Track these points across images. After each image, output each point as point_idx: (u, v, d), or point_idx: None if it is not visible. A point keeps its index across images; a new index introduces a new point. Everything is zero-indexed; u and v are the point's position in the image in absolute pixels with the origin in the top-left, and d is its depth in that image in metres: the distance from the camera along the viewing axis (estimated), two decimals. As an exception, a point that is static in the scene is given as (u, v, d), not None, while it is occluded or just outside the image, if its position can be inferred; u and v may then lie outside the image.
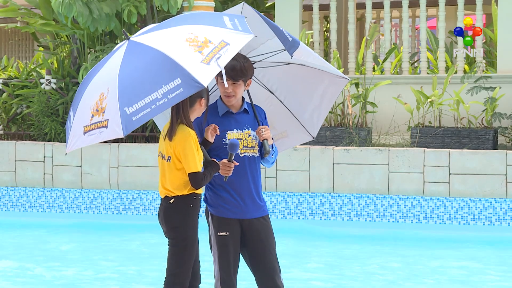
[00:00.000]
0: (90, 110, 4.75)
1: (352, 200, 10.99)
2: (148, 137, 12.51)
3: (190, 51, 4.64)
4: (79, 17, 11.89)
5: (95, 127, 4.66)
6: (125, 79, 4.68)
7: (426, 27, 12.92)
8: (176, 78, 4.53)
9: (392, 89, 12.14)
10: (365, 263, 8.97)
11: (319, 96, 5.70)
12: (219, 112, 5.39)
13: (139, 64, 4.74)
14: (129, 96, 4.58)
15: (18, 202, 12.17)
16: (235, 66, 5.23)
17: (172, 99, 4.51)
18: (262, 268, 5.43)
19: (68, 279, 8.28)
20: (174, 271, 5.33)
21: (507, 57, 11.98)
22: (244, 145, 5.37)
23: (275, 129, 5.77)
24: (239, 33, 4.80)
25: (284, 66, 5.62)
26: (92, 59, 12.30)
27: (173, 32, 4.87)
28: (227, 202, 5.36)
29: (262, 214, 5.44)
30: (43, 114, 12.46)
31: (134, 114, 4.54)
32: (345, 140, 11.52)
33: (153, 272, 8.50)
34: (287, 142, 5.89)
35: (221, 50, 4.64)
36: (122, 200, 11.80)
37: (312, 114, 5.77)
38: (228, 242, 5.35)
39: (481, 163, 10.62)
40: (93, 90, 4.86)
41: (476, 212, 10.64)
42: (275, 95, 5.71)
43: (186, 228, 5.27)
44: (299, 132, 5.83)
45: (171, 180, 5.25)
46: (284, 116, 5.76)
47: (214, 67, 4.57)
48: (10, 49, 20.55)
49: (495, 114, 11.26)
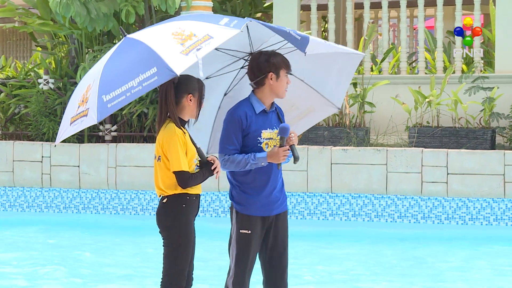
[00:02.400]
0: (77, 102, 4.91)
1: (350, 200, 10.98)
2: (146, 137, 12.51)
3: (173, 43, 4.74)
4: (77, 17, 11.88)
5: (79, 117, 4.80)
6: (108, 71, 4.83)
7: (424, 27, 12.92)
8: (152, 67, 4.62)
9: (390, 89, 12.15)
10: (363, 263, 8.97)
11: (337, 70, 5.71)
12: (256, 110, 5.36)
13: (124, 57, 4.90)
14: (108, 85, 4.71)
15: (16, 202, 12.17)
16: (286, 59, 5.33)
17: (147, 86, 4.59)
18: (277, 267, 5.49)
19: (65, 278, 8.28)
20: (169, 271, 5.31)
21: (505, 57, 11.99)
22: (274, 144, 5.38)
23: (299, 108, 5.81)
24: (227, 28, 4.86)
25: (298, 51, 5.65)
26: (90, 59, 12.29)
27: (164, 27, 5.02)
28: (255, 200, 5.36)
29: (285, 209, 5.51)
30: (41, 114, 12.45)
31: (109, 102, 4.64)
32: (343, 140, 11.52)
33: (151, 272, 8.50)
34: (314, 118, 5.95)
35: (203, 42, 4.71)
36: (120, 200, 11.79)
37: (333, 87, 5.78)
38: (249, 241, 5.36)
39: (479, 163, 10.62)
40: (82, 84, 5.02)
41: (474, 212, 10.64)
42: (295, 75, 5.69)
43: (179, 228, 5.25)
44: (324, 106, 5.86)
45: (162, 179, 5.26)
46: (306, 94, 5.78)
47: (191, 57, 4.63)
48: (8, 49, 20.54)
49: (493, 114, 11.27)
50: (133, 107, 12.17)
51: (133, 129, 12.57)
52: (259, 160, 5.28)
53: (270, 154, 5.28)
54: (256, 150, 5.33)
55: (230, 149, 5.30)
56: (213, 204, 11.39)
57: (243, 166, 5.29)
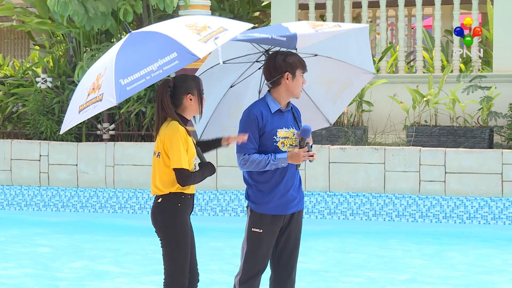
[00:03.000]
0: (86, 90, 4.86)
1: (348, 199, 10.99)
2: (144, 136, 12.50)
3: (189, 33, 4.77)
4: (74, 15, 11.88)
5: (90, 103, 4.75)
6: (123, 58, 4.81)
7: (422, 26, 12.92)
8: (172, 52, 4.64)
9: (388, 88, 12.15)
10: (360, 262, 8.98)
11: (354, 42, 5.71)
12: (271, 109, 5.37)
13: (138, 45, 4.89)
14: (125, 69, 4.69)
15: (14, 200, 12.16)
16: (302, 59, 5.36)
17: (167, 70, 4.59)
18: (286, 264, 5.51)
19: (63, 277, 8.28)
20: (170, 271, 5.31)
21: (503, 56, 11.99)
22: (290, 143, 5.39)
23: (338, 82, 5.85)
24: (238, 22, 4.95)
25: (310, 58, 5.71)
26: (88, 58, 12.29)
27: (175, 21, 5.04)
28: (270, 199, 5.37)
29: (301, 208, 5.54)
30: (39, 113, 12.44)
31: (128, 85, 4.62)
32: (341, 139, 11.52)
33: (149, 270, 8.49)
34: (354, 88, 5.96)
35: (220, 33, 4.75)
36: (117, 199, 11.79)
37: (359, 56, 5.79)
38: (260, 239, 5.37)
39: (477, 162, 10.63)
40: (90, 75, 4.98)
41: (472, 211, 10.65)
42: (320, 55, 5.72)
43: (175, 228, 5.25)
44: (359, 74, 5.88)
45: (160, 177, 5.25)
46: (338, 68, 5.80)
47: (210, 44, 4.67)
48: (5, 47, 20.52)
49: (490, 113, 11.28)
50: (131, 106, 12.17)
51: (131, 128, 12.57)
52: (280, 161, 5.29)
53: (290, 155, 5.29)
54: (272, 149, 5.33)
55: (249, 148, 5.30)
56: (211, 203, 11.40)
57: (263, 167, 5.30)
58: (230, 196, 11.41)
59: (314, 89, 5.85)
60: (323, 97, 5.86)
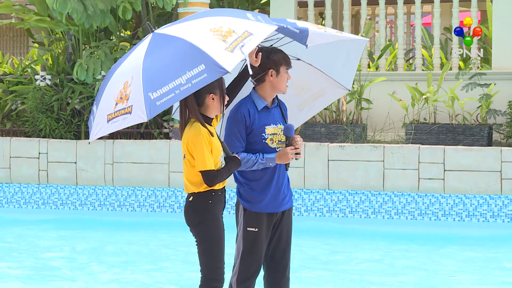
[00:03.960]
0: (114, 98, 4.77)
1: (347, 197, 10.99)
2: (143, 134, 12.50)
3: (214, 40, 4.69)
4: (73, 13, 11.87)
5: (119, 114, 4.66)
6: (150, 66, 4.72)
7: (421, 24, 12.92)
8: (200, 64, 4.57)
9: (387, 85, 12.15)
10: (359, 260, 8.98)
11: (344, 53, 5.71)
12: (258, 107, 5.37)
13: (163, 53, 4.79)
14: (153, 82, 4.61)
15: (13, 198, 12.16)
16: (286, 56, 5.33)
17: (196, 84, 4.53)
18: (279, 262, 5.51)
19: (61, 275, 8.28)
20: (208, 267, 5.25)
21: (502, 54, 11.99)
22: (279, 139, 5.40)
23: (311, 90, 5.84)
24: (262, 24, 4.87)
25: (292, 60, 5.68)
26: (87, 56, 12.29)
27: (198, 23, 4.94)
28: (263, 197, 5.37)
29: (291, 205, 5.53)
30: (38, 111, 12.44)
31: (158, 99, 4.54)
32: (340, 136, 11.53)
33: (148, 268, 8.50)
34: (325, 100, 5.96)
35: (245, 39, 4.69)
36: (117, 197, 11.79)
37: (341, 69, 5.79)
38: (256, 239, 5.37)
39: (476, 160, 10.63)
40: (116, 80, 4.89)
41: (471, 209, 10.65)
42: (302, 60, 5.72)
43: (208, 225, 5.23)
44: (334, 88, 5.87)
45: (188, 178, 5.26)
46: (316, 77, 5.79)
47: (238, 54, 4.61)
48: (4, 45, 20.53)
49: (489, 111, 11.28)
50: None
51: (131, 126, 12.56)
52: (268, 161, 5.30)
53: (278, 155, 5.31)
54: (261, 147, 5.34)
55: (237, 146, 5.31)
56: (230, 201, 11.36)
57: (250, 166, 5.31)
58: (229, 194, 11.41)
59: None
60: (291, 102, 5.82)
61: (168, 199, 11.61)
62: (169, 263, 8.79)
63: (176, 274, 8.27)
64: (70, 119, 12.54)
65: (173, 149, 11.60)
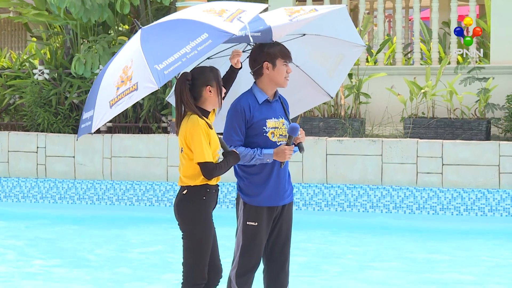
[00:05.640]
0: (114, 85, 4.72)
1: (345, 191, 11.00)
2: (141, 128, 12.50)
3: (210, 16, 4.74)
4: (71, 7, 11.86)
5: (123, 96, 4.63)
6: (150, 46, 4.70)
7: (419, 18, 12.91)
8: (202, 33, 4.58)
9: (385, 80, 12.15)
10: (358, 254, 8.99)
11: (340, 22, 5.73)
12: (259, 100, 5.39)
13: (162, 34, 4.80)
14: (157, 56, 4.59)
15: (11, 192, 12.16)
16: (284, 49, 5.35)
17: (202, 50, 4.53)
18: (278, 256, 5.51)
19: (60, 270, 8.28)
20: (191, 264, 5.23)
21: (500, 48, 11.98)
22: (280, 133, 5.41)
23: (331, 57, 5.86)
24: (252, 4, 4.94)
25: (298, 38, 5.71)
26: (85, 50, 12.28)
27: (190, 9, 4.99)
28: (263, 190, 5.37)
29: (291, 200, 5.54)
30: (36, 105, 12.43)
31: (165, 69, 4.52)
32: (338, 131, 11.53)
33: (148, 263, 8.50)
34: (348, 61, 5.98)
35: (240, 14, 4.74)
36: (115, 191, 11.79)
37: (347, 32, 5.81)
38: (256, 233, 5.37)
39: (474, 154, 10.64)
40: (113, 72, 4.85)
41: (469, 203, 10.66)
42: (308, 33, 5.73)
43: (199, 221, 5.21)
44: (350, 48, 5.90)
45: (185, 171, 5.23)
46: (329, 43, 5.81)
47: (236, 23, 4.64)
48: (2, 39, 20.49)
49: (488, 105, 11.28)
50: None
51: (128, 119, 12.57)
52: (265, 157, 5.30)
53: (276, 151, 5.31)
54: (262, 140, 5.34)
55: (234, 139, 5.31)
56: (229, 195, 11.38)
57: (248, 161, 5.31)
58: (228, 188, 11.41)
59: (310, 65, 5.88)
60: (320, 72, 5.88)
61: (166, 193, 11.62)
62: (168, 257, 8.79)
63: (175, 268, 8.27)
64: (68, 113, 12.54)
65: (171, 143, 11.60)
